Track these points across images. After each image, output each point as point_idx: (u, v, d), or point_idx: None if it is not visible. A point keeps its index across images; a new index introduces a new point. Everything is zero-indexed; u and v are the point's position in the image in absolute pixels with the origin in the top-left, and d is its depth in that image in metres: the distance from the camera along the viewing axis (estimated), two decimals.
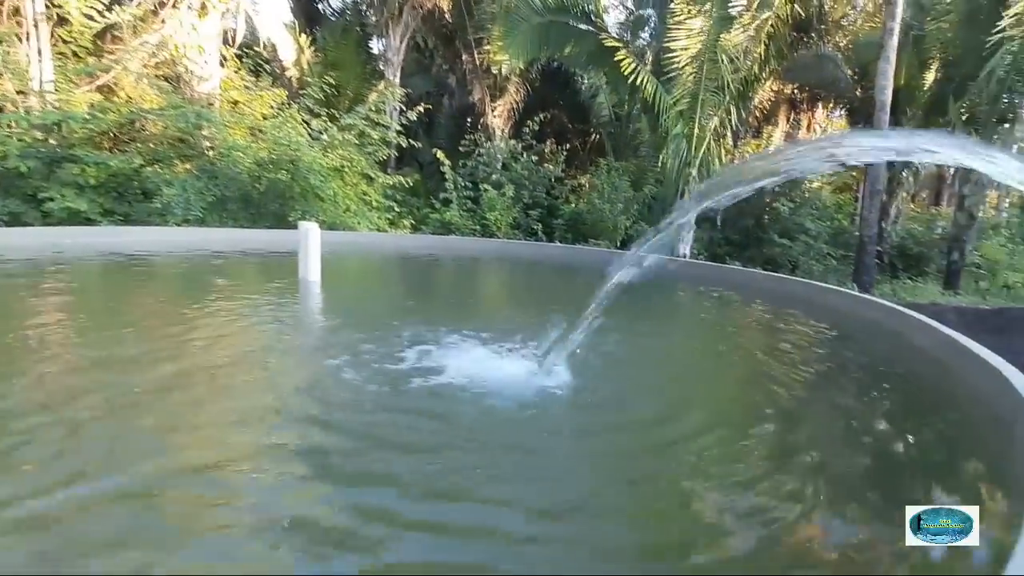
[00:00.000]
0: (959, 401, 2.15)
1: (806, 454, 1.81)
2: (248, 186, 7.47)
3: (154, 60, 8.54)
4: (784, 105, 14.32)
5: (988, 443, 1.75)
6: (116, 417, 1.78)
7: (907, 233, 11.91)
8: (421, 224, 9.91)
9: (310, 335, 3.13)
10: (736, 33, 8.83)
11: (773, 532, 1.33)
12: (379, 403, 2.02)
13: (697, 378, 2.80)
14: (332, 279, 4.84)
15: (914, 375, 2.61)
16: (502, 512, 1.37)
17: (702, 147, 9.15)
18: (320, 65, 10.53)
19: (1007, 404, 1.67)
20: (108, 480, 1.39)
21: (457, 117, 12.54)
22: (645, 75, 9.11)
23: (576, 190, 11.37)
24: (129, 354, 2.41)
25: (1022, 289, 9.44)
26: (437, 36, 11.99)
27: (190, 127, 7.20)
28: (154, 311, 3.35)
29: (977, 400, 1.96)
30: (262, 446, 1.67)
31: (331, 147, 8.05)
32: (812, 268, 10.09)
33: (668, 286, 5.50)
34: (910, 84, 10.64)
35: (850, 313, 3.92)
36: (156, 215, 6.89)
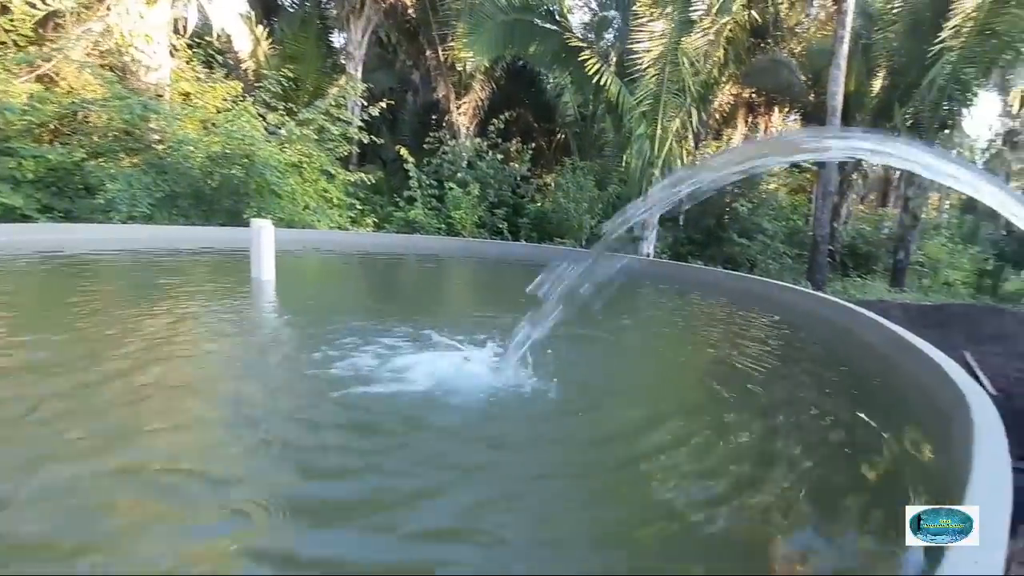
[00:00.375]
0: (902, 393, 2.22)
1: (752, 445, 1.84)
2: (200, 182, 7.14)
3: (98, 49, 8.08)
4: (743, 108, 14.73)
5: (928, 434, 1.80)
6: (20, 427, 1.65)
7: (857, 233, 12.44)
8: (384, 223, 9.73)
9: (257, 337, 2.99)
10: (697, 37, 9.00)
11: (717, 512, 1.34)
12: (316, 408, 1.92)
13: (655, 374, 2.82)
14: (288, 279, 4.67)
15: (861, 369, 2.69)
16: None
17: (664, 148, 9.29)
18: (278, 58, 10.19)
19: (946, 396, 1.73)
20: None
21: (421, 114, 12.36)
22: (609, 76, 9.20)
23: (542, 189, 11.39)
24: (53, 360, 2.25)
25: (960, 286, 10.00)
26: (400, 31, 11.78)
27: (136, 119, 6.84)
28: (89, 315, 3.14)
29: (920, 392, 2.03)
30: (186, 456, 1.57)
31: (289, 142, 7.80)
32: (769, 267, 10.41)
33: (632, 285, 5.56)
34: (859, 90, 11.10)
35: (803, 310, 4.04)
36: (99, 212, 6.52)
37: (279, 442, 1.68)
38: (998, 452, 1.12)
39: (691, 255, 10.62)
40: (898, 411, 2.14)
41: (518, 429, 1.93)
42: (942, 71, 9.00)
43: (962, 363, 4.50)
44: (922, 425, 1.90)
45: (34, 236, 5.44)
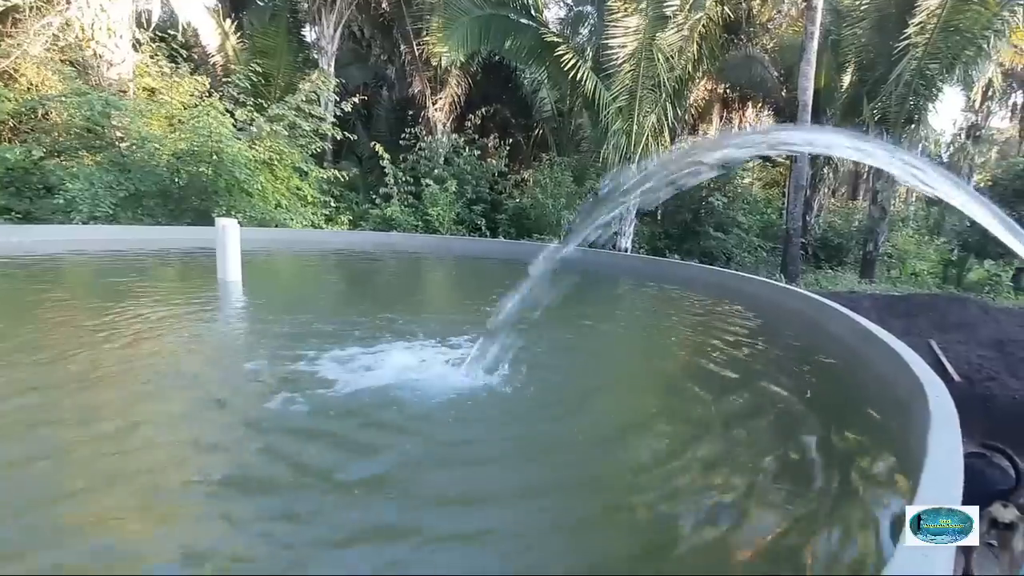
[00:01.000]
0: (866, 384, 2.25)
1: (714, 434, 1.85)
2: (166, 180, 6.93)
3: (58, 44, 7.77)
4: (717, 104, 14.89)
5: (887, 424, 1.83)
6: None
7: (828, 226, 12.69)
8: (360, 220, 9.59)
9: (219, 342, 2.90)
10: (671, 32, 9.04)
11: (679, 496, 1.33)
12: (275, 420, 1.85)
13: (631, 368, 2.82)
14: (256, 280, 4.57)
15: (828, 360, 2.73)
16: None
17: (641, 143, 9.34)
18: (247, 52, 9.94)
19: (906, 386, 1.76)
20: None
21: (397, 110, 12.20)
22: (585, 71, 9.20)
23: (520, 185, 11.35)
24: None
25: (927, 276, 10.27)
26: (374, 25, 11.59)
27: (97, 115, 6.59)
28: (42, 321, 3.01)
29: (882, 383, 2.06)
30: (141, 470, 1.51)
31: (259, 139, 7.61)
32: (745, 260, 10.56)
33: (610, 279, 5.58)
34: (829, 86, 11.30)
35: (775, 303, 4.09)
36: (60, 212, 6.29)
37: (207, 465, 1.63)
38: (952, 444, 1.13)
39: (668, 249, 10.72)
40: (860, 401, 2.17)
41: (486, 429, 1.90)
42: (908, 66, 9.22)
43: (928, 351, 4.63)
44: (882, 415, 1.92)
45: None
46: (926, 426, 1.25)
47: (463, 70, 11.32)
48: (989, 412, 3.83)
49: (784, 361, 2.82)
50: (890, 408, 1.86)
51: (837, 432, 1.93)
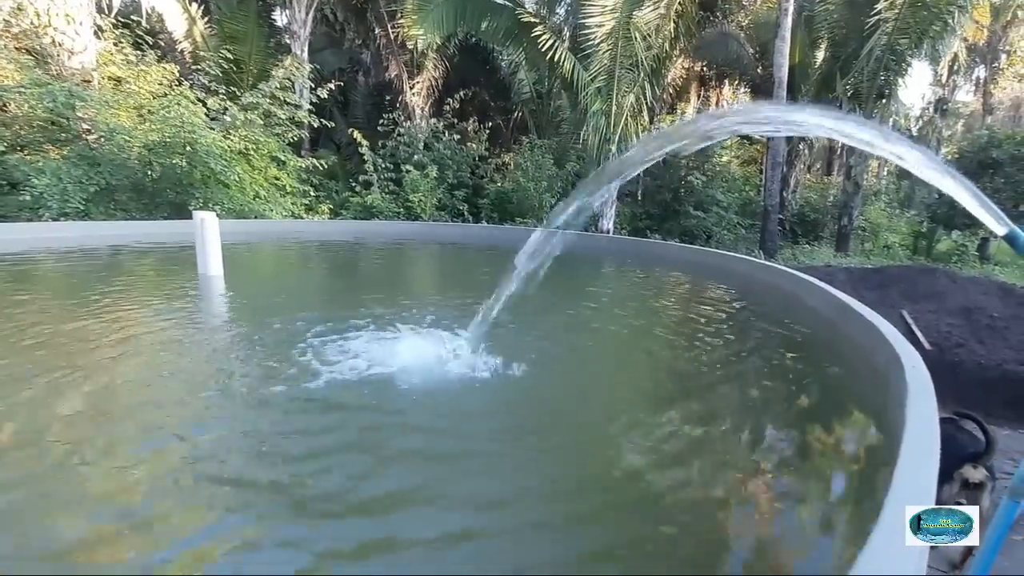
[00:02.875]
0: (844, 355, 2.35)
1: (697, 406, 1.93)
2: (139, 173, 6.74)
3: (10, 30, 7.41)
4: (695, 82, 14.94)
5: (865, 394, 1.92)
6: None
7: (805, 202, 12.93)
8: (341, 209, 9.47)
9: (205, 337, 2.88)
10: (648, 10, 9.02)
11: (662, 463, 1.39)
12: (271, 417, 1.88)
13: (617, 347, 2.88)
14: (238, 273, 4.51)
15: (807, 333, 2.83)
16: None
17: (620, 123, 9.36)
18: (216, 38, 9.61)
19: (882, 356, 1.84)
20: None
21: (374, 95, 11.97)
22: (563, 52, 9.14)
23: (500, 169, 11.30)
24: None
25: (899, 248, 10.58)
26: (347, 8, 11.30)
27: (60, 107, 6.34)
28: (16, 321, 2.95)
29: (859, 353, 2.15)
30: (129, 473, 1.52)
31: (233, 128, 7.43)
32: (724, 237, 10.73)
33: (592, 261, 5.64)
34: (803, 62, 11.42)
35: (755, 279, 4.20)
36: (27, 209, 6.08)
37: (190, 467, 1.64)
38: (928, 413, 1.21)
39: (649, 229, 10.82)
40: (839, 372, 2.27)
41: (479, 417, 1.95)
42: (879, 42, 9.36)
43: (900, 320, 4.81)
44: (860, 385, 2.02)
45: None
46: (903, 395, 1.32)
47: (440, 53, 11.14)
48: (958, 378, 4.02)
49: (764, 336, 2.92)
50: (868, 378, 1.95)
51: (817, 402, 2.03)
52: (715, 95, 15.57)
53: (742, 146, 14.62)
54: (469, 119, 10.83)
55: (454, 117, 10.42)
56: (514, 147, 12.05)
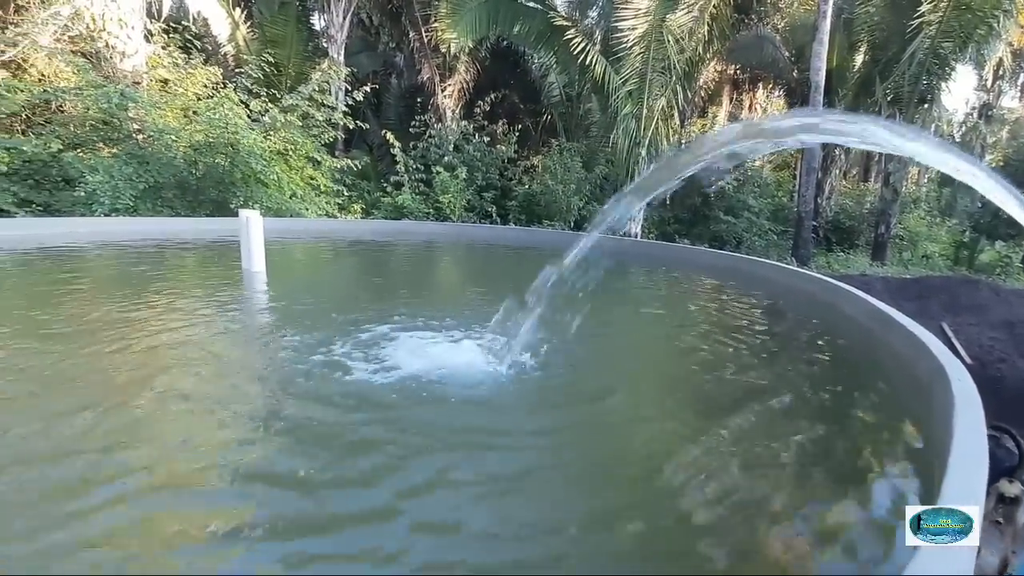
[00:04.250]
0: (884, 365, 2.33)
1: (735, 416, 1.92)
2: (184, 172, 7.02)
3: (68, 34, 7.81)
4: (727, 85, 14.75)
5: (908, 406, 1.91)
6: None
7: (840, 208, 12.63)
8: (372, 208, 9.66)
9: (254, 329, 3.01)
10: (681, 13, 8.97)
11: (699, 483, 1.42)
12: (322, 401, 1.96)
13: (652, 355, 2.90)
14: (278, 269, 4.67)
15: (845, 343, 2.80)
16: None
17: (651, 127, 9.32)
18: (258, 42, 9.93)
19: (925, 367, 1.83)
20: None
21: (406, 97, 12.18)
22: (594, 55, 9.16)
23: (529, 171, 11.36)
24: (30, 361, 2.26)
25: (939, 258, 10.25)
26: (382, 12, 11.54)
27: (114, 108, 6.66)
28: (70, 312, 3.13)
29: (900, 364, 2.14)
30: (201, 456, 1.62)
31: (273, 129, 7.67)
32: (755, 243, 10.57)
33: (621, 266, 5.64)
34: (842, 66, 11.17)
35: (789, 286, 4.15)
36: (81, 205, 6.39)
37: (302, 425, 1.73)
38: (976, 424, 1.21)
39: (678, 234, 10.73)
40: (880, 383, 2.25)
41: (517, 416, 2.00)
42: (921, 45, 9.10)
43: (940, 333, 4.68)
44: (902, 396, 2.00)
45: (12, 232, 5.35)
46: (949, 407, 1.33)
47: (472, 56, 11.28)
48: (999, 394, 3.90)
49: (801, 344, 2.90)
50: (909, 389, 1.94)
51: (858, 415, 2.02)
52: (748, 99, 15.34)
53: (775, 151, 14.35)
54: (499, 121, 10.93)
55: (484, 119, 10.53)
56: (543, 150, 12.10)
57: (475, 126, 10.37)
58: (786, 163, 15.35)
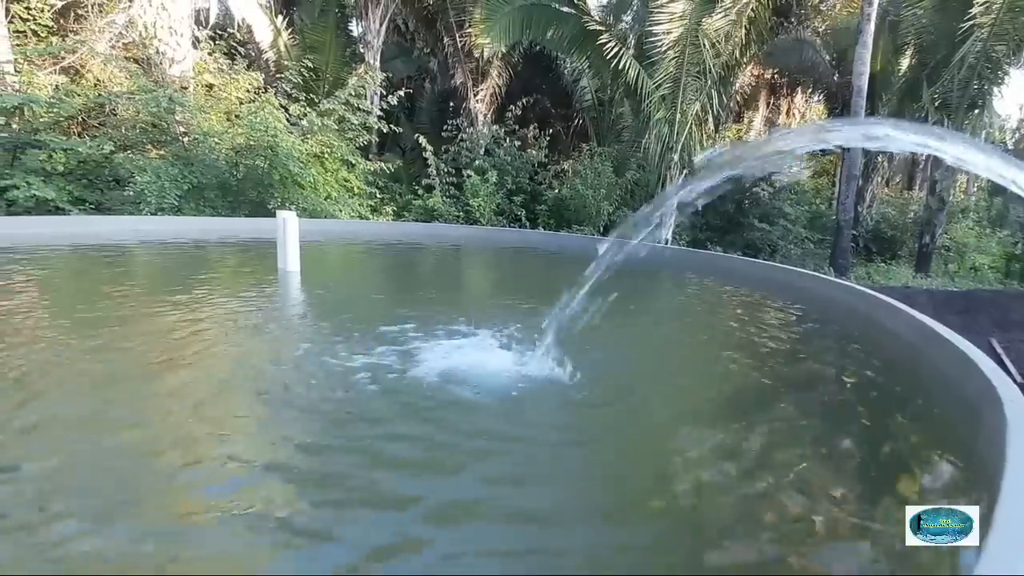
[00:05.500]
0: (928, 384, 2.24)
1: (772, 437, 1.88)
2: (225, 173, 7.29)
3: (122, 41, 8.22)
4: (764, 90, 14.44)
5: (956, 428, 1.83)
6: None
7: (882, 217, 12.19)
8: (404, 211, 9.81)
9: (288, 328, 3.10)
10: (718, 17, 8.83)
11: (739, 498, 1.39)
12: (360, 402, 2.01)
13: (683, 365, 2.86)
14: (313, 269, 4.78)
15: (886, 359, 2.70)
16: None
17: (684, 132, 9.19)
18: (298, 48, 10.24)
19: (973, 388, 1.75)
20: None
21: (439, 102, 12.35)
22: (627, 59, 9.10)
23: (559, 175, 11.34)
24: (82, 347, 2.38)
25: (988, 271, 9.78)
26: (418, 18, 11.73)
27: (163, 111, 6.97)
28: (118, 305, 3.28)
29: (946, 383, 2.05)
30: (232, 449, 1.68)
31: (310, 133, 7.89)
32: (791, 252, 10.29)
33: (651, 273, 5.58)
34: (885, 70, 10.81)
35: (826, 297, 4.03)
36: (129, 203, 6.71)
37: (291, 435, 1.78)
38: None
39: (710, 241, 10.53)
40: (925, 402, 2.16)
41: (544, 419, 2.00)
42: (972, 48, 8.72)
43: (989, 350, 4.47)
44: (950, 418, 1.92)
45: (68, 229, 5.65)
46: (1001, 430, 1.27)
47: (504, 61, 11.36)
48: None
49: (839, 360, 2.81)
50: (956, 409, 1.86)
51: (901, 437, 1.94)
52: (786, 104, 14.98)
53: (813, 156, 13.98)
54: (530, 125, 10.96)
55: (515, 123, 10.57)
56: (573, 154, 12.07)
57: (506, 130, 10.43)
58: (824, 169, 14.92)
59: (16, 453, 1.54)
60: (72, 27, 8.47)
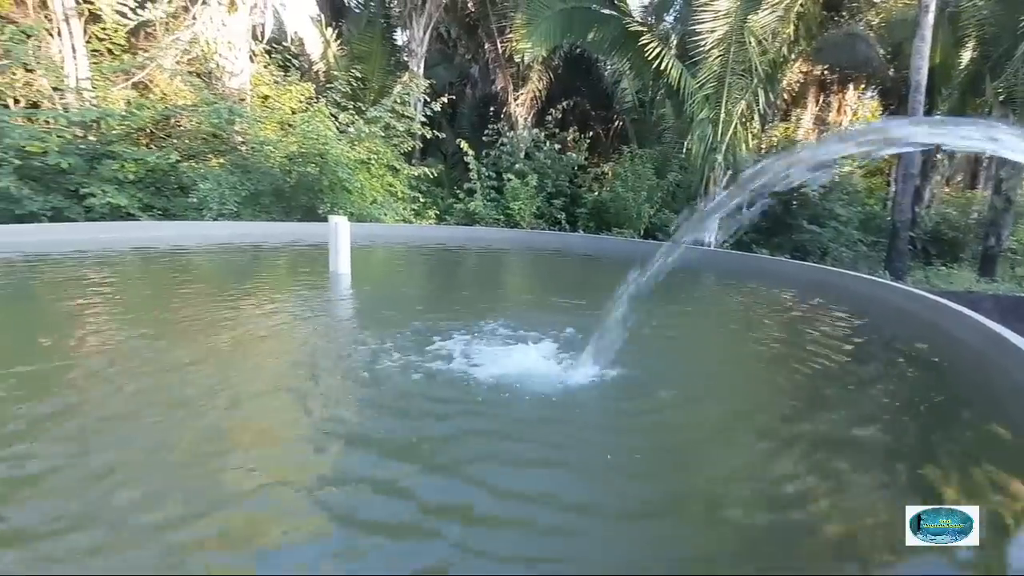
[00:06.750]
0: (999, 396, 2.15)
1: (833, 451, 1.83)
2: (279, 180, 7.64)
3: (186, 56, 8.73)
4: (813, 87, 13.95)
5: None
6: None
7: (941, 218, 11.56)
8: (445, 214, 10.00)
9: (342, 328, 3.25)
10: (765, 14, 8.62)
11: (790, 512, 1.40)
12: (411, 400, 2.09)
13: (733, 371, 2.83)
14: (361, 271, 4.97)
15: (951, 369, 2.60)
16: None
17: (728, 132, 9.02)
18: (346, 58, 10.62)
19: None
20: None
21: (480, 107, 12.53)
22: (670, 59, 9.00)
23: (599, 178, 11.31)
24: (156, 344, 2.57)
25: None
26: (460, 26, 11.96)
27: (223, 123, 7.37)
28: (184, 304, 3.52)
29: (1019, 395, 1.97)
30: (294, 438, 1.79)
31: (358, 140, 8.17)
32: (842, 255, 9.90)
33: (695, 276, 5.51)
34: (945, 63, 10.27)
35: (883, 302, 3.90)
36: (193, 209, 7.11)
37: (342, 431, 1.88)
38: None
39: (756, 244, 10.26)
40: (995, 414, 2.08)
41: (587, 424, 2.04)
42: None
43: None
44: (1021, 427, 1.85)
45: (139, 233, 6.07)
46: None
47: (544, 64, 11.43)
48: None
49: (900, 370, 2.71)
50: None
51: (971, 453, 1.84)
52: (837, 100, 14.42)
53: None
54: (569, 128, 10.98)
55: (555, 127, 10.62)
56: (613, 156, 12.00)
57: (546, 133, 10.49)
58: (879, 168, 14.27)
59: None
60: (142, 45, 9.05)
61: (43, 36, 7.61)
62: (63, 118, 7.08)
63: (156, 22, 8.55)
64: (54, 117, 7.09)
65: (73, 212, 6.72)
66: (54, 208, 6.59)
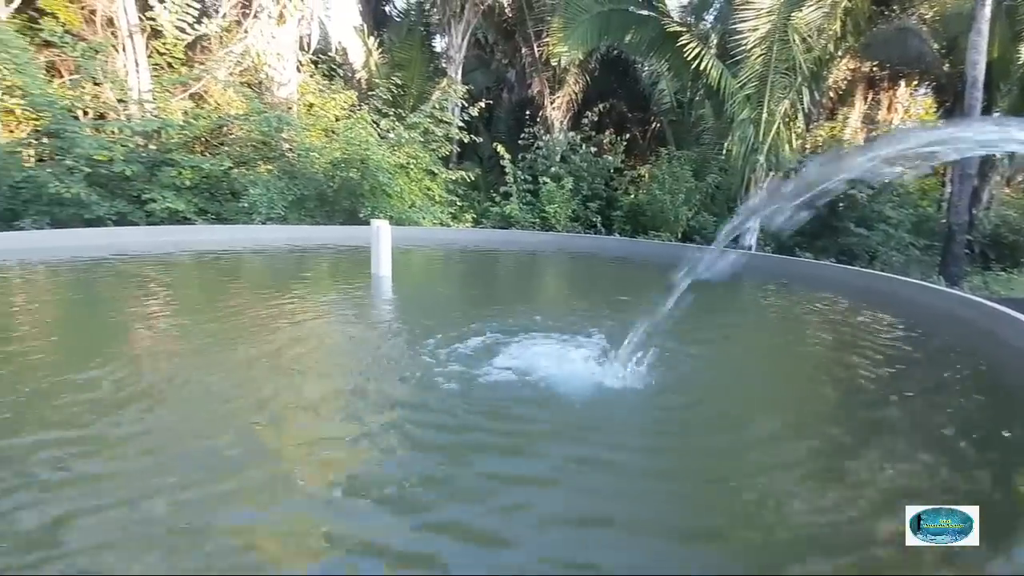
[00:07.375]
0: None
1: (894, 464, 1.80)
2: (323, 185, 7.93)
3: (238, 68, 9.17)
4: (861, 84, 13.42)
5: None
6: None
7: (1001, 220, 10.93)
8: (482, 218, 10.12)
9: (384, 329, 3.37)
10: (810, 10, 8.39)
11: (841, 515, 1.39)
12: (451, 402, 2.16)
13: (776, 381, 2.79)
14: (402, 274, 5.11)
15: (1013, 381, 2.50)
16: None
17: (771, 132, 8.80)
18: (387, 66, 10.92)
19: None
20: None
21: (516, 111, 12.61)
22: (709, 59, 8.86)
23: (636, 181, 11.20)
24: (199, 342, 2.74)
25: None
26: (497, 31, 12.09)
27: (272, 130, 7.71)
28: (240, 303, 3.72)
29: None
30: (348, 421, 1.89)
31: (398, 145, 8.39)
32: (892, 259, 9.50)
33: (734, 281, 5.40)
34: (1003, 58, 9.74)
35: (937, 309, 3.75)
36: (243, 214, 7.47)
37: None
38: None
39: (799, 247, 9.96)
40: None
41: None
42: None
43: None
44: None
45: (193, 236, 6.42)
46: None
47: (581, 67, 11.42)
48: None
49: (955, 381, 2.60)
50: None
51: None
52: (887, 98, 13.84)
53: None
54: (606, 131, 10.92)
55: (591, 129, 10.59)
56: (650, 159, 11.87)
57: (582, 136, 10.48)
58: (933, 169, 13.58)
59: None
60: (198, 58, 9.56)
61: (109, 51, 8.14)
62: (127, 128, 7.57)
63: (211, 36, 9.02)
64: (119, 127, 7.57)
65: (136, 216, 7.18)
66: (119, 213, 7.05)
